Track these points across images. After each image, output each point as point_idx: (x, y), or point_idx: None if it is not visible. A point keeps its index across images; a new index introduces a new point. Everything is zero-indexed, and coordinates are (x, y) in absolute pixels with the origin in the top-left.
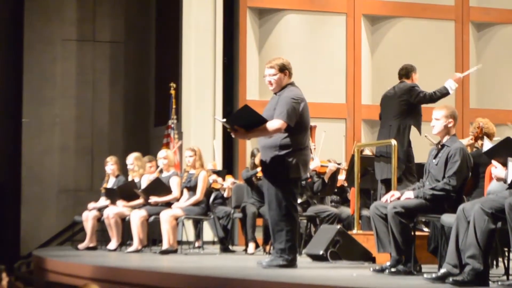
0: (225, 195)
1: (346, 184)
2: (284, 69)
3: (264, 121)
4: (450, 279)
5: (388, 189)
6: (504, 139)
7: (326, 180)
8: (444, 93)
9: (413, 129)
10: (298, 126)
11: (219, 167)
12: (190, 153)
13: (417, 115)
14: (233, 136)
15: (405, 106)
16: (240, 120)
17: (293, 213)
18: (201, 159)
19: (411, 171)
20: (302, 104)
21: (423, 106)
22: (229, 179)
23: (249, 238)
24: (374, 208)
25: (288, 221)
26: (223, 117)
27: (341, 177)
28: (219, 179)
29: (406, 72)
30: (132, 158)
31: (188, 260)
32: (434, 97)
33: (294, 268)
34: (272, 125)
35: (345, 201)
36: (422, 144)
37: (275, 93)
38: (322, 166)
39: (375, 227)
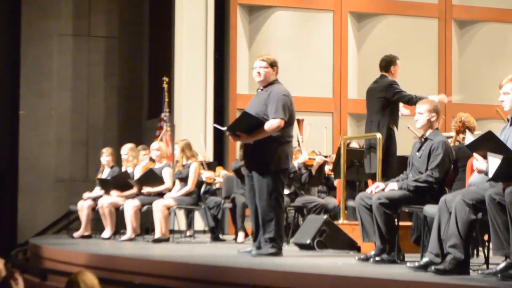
0: (217, 186)
1: (332, 176)
2: (274, 65)
3: (263, 123)
4: (432, 267)
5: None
6: (485, 133)
7: (314, 172)
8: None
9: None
10: (288, 119)
11: (210, 158)
12: (176, 148)
13: (395, 111)
14: (232, 139)
15: (384, 102)
16: (241, 125)
17: (281, 203)
18: (187, 151)
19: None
20: (291, 98)
21: None
22: (222, 172)
23: (238, 228)
24: (360, 199)
25: (277, 211)
26: (216, 121)
27: (329, 167)
28: (211, 174)
29: (385, 65)
30: (126, 149)
31: (179, 249)
32: (412, 101)
33: (281, 255)
34: (271, 125)
35: (331, 189)
36: (405, 137)
37: (261, 89)
38: (310, 159)
39: (360, 217)
